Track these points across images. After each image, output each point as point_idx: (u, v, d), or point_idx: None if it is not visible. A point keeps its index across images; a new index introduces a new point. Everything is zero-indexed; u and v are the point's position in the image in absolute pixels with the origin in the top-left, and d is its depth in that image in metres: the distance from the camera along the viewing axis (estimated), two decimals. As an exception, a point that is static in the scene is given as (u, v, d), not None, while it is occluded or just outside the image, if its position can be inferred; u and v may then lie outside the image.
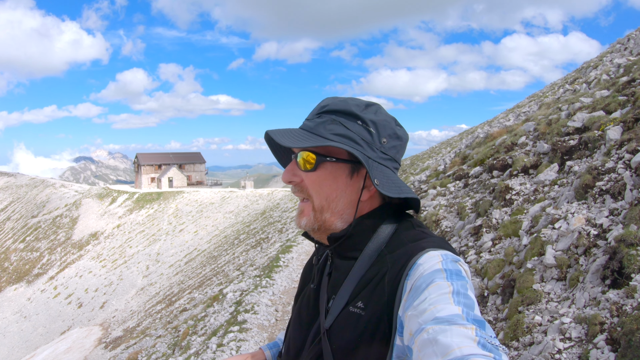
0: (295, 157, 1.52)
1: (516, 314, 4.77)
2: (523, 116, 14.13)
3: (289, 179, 1.53)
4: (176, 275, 37.43)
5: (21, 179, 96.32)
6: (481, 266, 6.40)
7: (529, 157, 8.65)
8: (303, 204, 1.54)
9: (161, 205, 64.78)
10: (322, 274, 1.66)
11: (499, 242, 6.79)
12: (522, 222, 6.59)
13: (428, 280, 1.21)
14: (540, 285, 4.97)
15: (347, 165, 1.50)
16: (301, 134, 1.47)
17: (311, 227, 1.52)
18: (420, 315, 1.12)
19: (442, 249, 1.34)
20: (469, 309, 1.10)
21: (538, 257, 5.35)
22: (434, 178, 13.51)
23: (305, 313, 1.62)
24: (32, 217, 72.63)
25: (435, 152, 31.62)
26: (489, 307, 5.55)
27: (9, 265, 60.43)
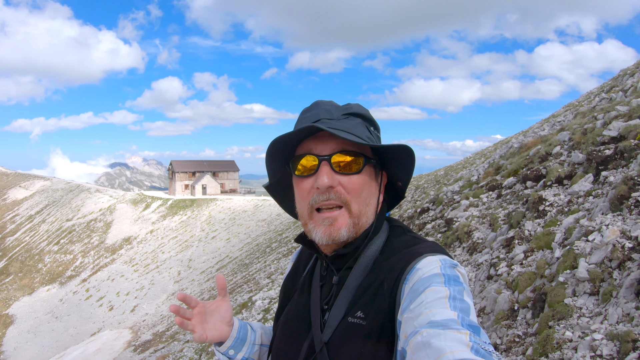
0: (328, 159, 1.44)
1: (546, 329, 4.63)
2: (558, 126, 13.87)
3: (330, 184, 1.43)
4: (207, 281, 37.78)
5: (57, 183, 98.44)
6: (512, 279, 6.26)
7: (563, 167, 8.46)
8: (334, 213, 1.45)
9: (194, 212, 65.49)
10: (310, 287, 1.63)
11: (531, 254, 6.63)
12: (555, 234, 6.43)
13: (426, 284, 1.22)
14: (572, 299, 4.82)
15: (374, 167, 1.53)
16: (349, 135, 1.43)
17: (349, 236, 1.46)
18: (415, 318, 1.14)
19: (440, 254, 1.35)
20: (464, 314, 1.12)
21: (570, 271, 5.20)
22: (467, 189, 13.33)
23: (294, 327, 1.58)
24: (66, 220, 74.19)
25: (469, 162, 31.29)
26: (519, 321, 5.40)
27: (42, 267, 61.79)
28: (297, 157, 1.51)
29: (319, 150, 1.46)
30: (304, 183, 1.48)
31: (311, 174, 1.47)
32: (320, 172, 1.44)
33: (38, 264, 62.78)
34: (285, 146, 1.52)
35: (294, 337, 1.55)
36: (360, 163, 1.45)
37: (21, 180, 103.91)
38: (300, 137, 1.50)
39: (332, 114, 1.50)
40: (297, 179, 1.52)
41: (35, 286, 57.59)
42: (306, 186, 1.48)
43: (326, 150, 1.45)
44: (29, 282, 58.97)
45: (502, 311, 5.74)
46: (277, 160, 1.59)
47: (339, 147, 1.45)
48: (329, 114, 1.50)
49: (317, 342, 1.42)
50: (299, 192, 1.52)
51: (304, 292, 1.64)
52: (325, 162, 1.44)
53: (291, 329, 1.59)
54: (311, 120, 1.50)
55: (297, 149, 1.53)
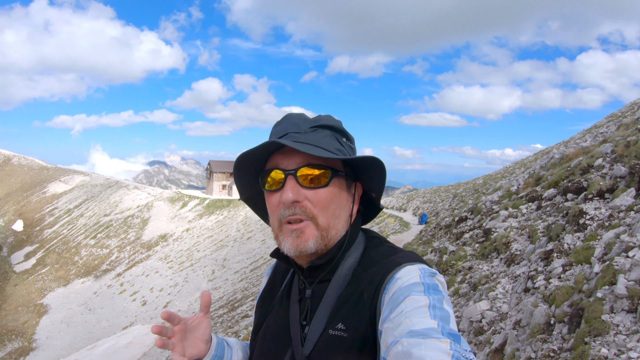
0: (294, 173, 1.43)
1: (582, 345, 4.60)
2: (600, 137, 13.63)
3: (295, 198, 1.41)
4: (241, 281, 37.97)
5: (96, 178, 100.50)
6: (549, 292, 6.21)
7: (605, 180, 8.34)
8: (302, 224, 1.43)
9: (231, 212, 65.95)
10: (288, 301, 1.61)
11: (569, 268, 6.56)
12: (594, 249, 6.35)
13: (405, 294, 1.23)
14: (609, 316, 4.78)
15: (345, 180, 1.51)
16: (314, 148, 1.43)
17: (317, 248, 1.44)
18: (395, 328, 1.14)
19: (419, 263, 1.36)
20: (444, 323, 1.12)
21: (609, 287, 5.14)
22: (507, 199, 13.20)
23: (273, 343, 1.56)
24: (104, 215, 75.70)
25: (509, 172, 30.91)
26: (555, 335, 5.37)
27: (78, 260, 63.09)
28: (265, 172, 1.50)
29: (285, 164, 1.45)
30: (273, 197, 1.48)
31: (278, 189, 1.46)
32: (285, 187, 1.43)
33: (74, 257, 64.12)
34: (254, 160, 1.51)
35: (274, 353, 1.53)
36: (327, 176, 1.44)
37: (61, 175, 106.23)
38: (269, 152, 1.50)
39: (299, 127, 1.50)
40: (267, 193, 1.52)
41: (70, 278, 58.85)
42: (274, 200, 1.48)
43: (292, 165, 1.44)
44: (64, 273, 60.29)
45: (537, 325, 5.71)
46: (247, 174, 1.57)
47: (305, 161, 1.44)
48: (296, 128, 1.50)
49: (298, 356, 1.42)
50: (269, 205, 1.52)
51: (282, 306, 1.62)
52: (291, 177, 1.43)
53: (270, 345, 1.57)
54: (280, 134, 1.50)
55: (267, 164, 1.53)
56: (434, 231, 17.69)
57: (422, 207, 41.98)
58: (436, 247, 13.59)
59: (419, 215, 37.31)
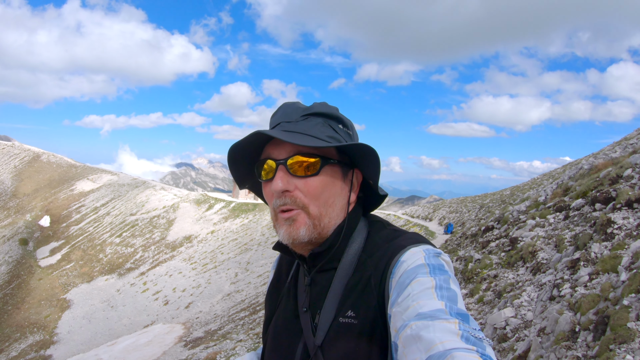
0: (284, 163, 1.44)
1: (607, 352, 4.58)
2: (630, 148, 13.48)
3: (285, 187, 1.43)
4: (263, 285, 38.04)
5: (124, 178, 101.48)
6: (575, 300, 6.18)
7: (634, 190, 8.26)
8: (292, 213, 1.44)
9: (256, 216, 66.17)
10: (295, 292, 1.62)
11: (596, 277, 6.52)
12: (622, 258, 6.31)
13: (412, 276, 1.24)
14: (635, 323, 4.75)
15: (340, 167, 1.51)
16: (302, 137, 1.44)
17: (310, 236, 1.46)
18: (404, 312, 1.16)
19: (422, 244, 1.37)
20: (452, 303, 1.13)
21: (636, 295, 5.12)
22: (534, 209, 13.11)
23: (283, 336, 1.57)
24: (130, 214, 76.46)
25: (537, 183, 30.62)
26: (579, 343, 5.35)
27: (103, 257, 63.68)
28: (260, 162, 1.51)
29: (276, 154, 1.46)
30: (267, 187, 1.50)
31: (271, 179, 1.47)
32: (275, 177, 1.44)
33: (99, 254, 64.74)
34: (247, 152, 1.53)
35: (286, 344, 1.54)
36: (317, 165, 1.44)
37: (89, 173, 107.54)
38: (262, 143, 1.51)
39: (290, 117, 1.51)
40: (262, 183, 1.54)
41: (94, 275, 59.40)
42: (268, 190, 1.50)
43: (282, 155, 1.45)
44: (88, 270, 60.92)
45: (562, 332, 5.69)
46: (243, 165, 1.59)
47: (294, 150, 1.44)
48: (287, 117, 1.51)
49: (311, 346, 1.43)
50: (265, 195, 1.55)
51: (289, 298, 1.63)
52: (281, 166, 1.44)
53: (281, 337, 1.58)
54: (273, 124, 1.52)
55: (262, 154, 1.54)
56: (459, 240, 17.63)
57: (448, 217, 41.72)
58: (461, 256, 13.55)
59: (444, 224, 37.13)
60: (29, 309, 51.46)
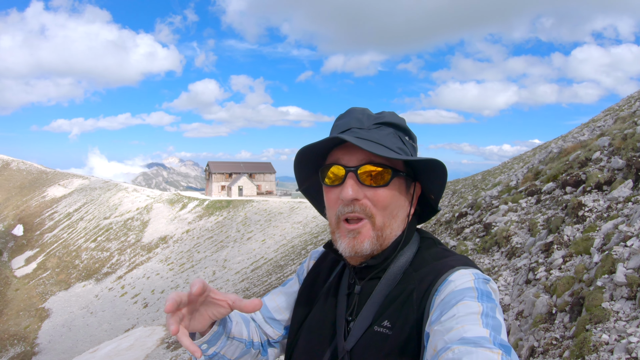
0: (355, 171, 1.41)
1: (583, 332, 4.71)
2: (598, 131, 13.73)
3: (355, 196, 1.39)
4: (242, 282, 37.95)
5: (95, 182, 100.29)
6: (550, 283, 6.32)
7: (603, 173, 8.45)
8: (359, 224, 1.42)
9: (230, 213, 65.86)
10: (336, 294, 1.60)
11: (569, 259, 6.67)
12: (594, 240, 6.47)
13: (458, 297, 1.20)
14: (609, 303, 4.89)
15: (405, 179, 1.49)
16: (377, 146, 1.39)
17: (372, 249, 1.43)
18: (446, 332, 1.11)
19: (472, 268, 1.34)
20: (496, 333, 1.09)
21: (608, 275, 5.26)
22: (506, 194, 13.29)
23: (317, 337, 1.55)
24: (104, 218, 75.77)
25: (508, 167, 30.97)
26: (557, 324, 5.48)
27: (79, 263, 63.18)
28: (325, 166, 1.48)
29: (346, 160, 1.43)
30: (331, 193, 1.47)
31: (338, 185, 1.44)
32: (345, 184, 1.40)
33: (75, 260, 64.11)
34: (314, 154, 1.51)
35: (317, 346, 1.52)
36: (388, 176, 1.41)
37: (60, 179, 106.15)
38: (329, 146, 1.49)
39: (362, 124, 1.46)
40: (326, 188, 1.50)
41: (71, 282, 58.85)
42: (333, 196, 1.46)
43: (353, 162, 1.42)
44: (65, 277, 60.30)
45: (539, 315, 5.82)
46: (307, 166, 1.57)
47: (367, 158, 1.41)
48: (359, 123, 1.47)
49: (340, 350, 1.41)
50: (327, 201, 1.50)
51: (328, 299, 1.60)
52: (351, 174, 1.41)
53: (315, 338, 1.55)
54: (342, 128, 1.48)
55: (327, 157, 1.51)
56: (434, 227, 17.78)
57: (422, 204, 41.81)
58: (437, 243, 13.61)
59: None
60: (8, 320, 50.81)
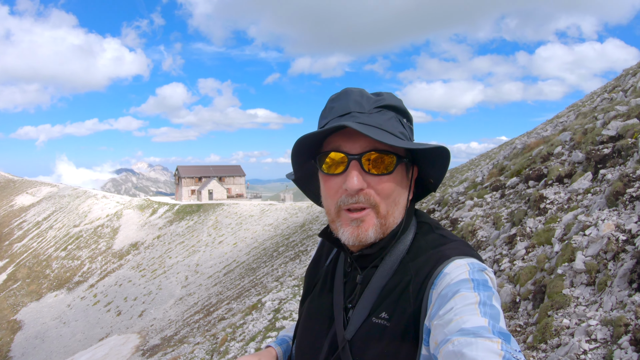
0: (359, 159, 1.35)
1: (545, 318, 4.85)
2: (560, 126, 14.03)
3: (361, 186, 1.34)
4: (215, 286, 37.78)
5: (64, 189, 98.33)
6: (514, 273, 6.47)
7: (564, 166, 8.65)
8: (363, 212, 1.37)
9: (201, 217, 65.48)
10: (333, 279, 1.60)
11: (532, 250, 6.83)
12: (555, 230, 6.63)
13: (454, 290, 1.19)
14: (569, 290, 5.05)
15: (404, 165, 1.44)
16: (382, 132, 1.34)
17: (376, 237, 1.40)
18: (446, 325, 1.11)
19: (468, 257, 1.31)
20: (494, 321, 1.09)
21: (568, 263, 5.41)
22: (472, 189, 13.48)
23: (316, 322, 1.56)
24: (74, 226, 74.35)
25: (475, 164, 31.39)
26: (521, 312, 5.62)
27: (50, 273, 61.89)
28: (324, 154, 1.41)
29: (348, 148, 1.36)
30: (332, 182, 1.40)
31: (339, 173, 1.37)
32: (349, 173, 1.34)
33: (46, 270, 62.80)
34: (311, 141, 1.41)
35: (317, 331, 1.53)
36: (393, 163, 1.36)
37: (28, 187, 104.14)
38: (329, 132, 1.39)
39: (363, 107, 1.39)
40: (325, 177, 1.43)
41: (42, 292, 57.66)
42: (334, 185, 1.39)
43: (356, 149, 1.35)
44: (36, 287, 59.06)
45: (504, 304, 5.96)
46: (304, 155, 1.47)
47: (370, 145, 1.35)
48: (359, 107, 1.39)
49: (340, 339, 1.40)
50: (327, 190, 1.43)
51: (325, 285, 1.60)
52: (355, 162, 1.34)
53: (314, 323, 1.56)
54: (340, 112, 1.40)
55: (325, 144, 1.44)
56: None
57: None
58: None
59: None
60: (-21, 334, 49.70)
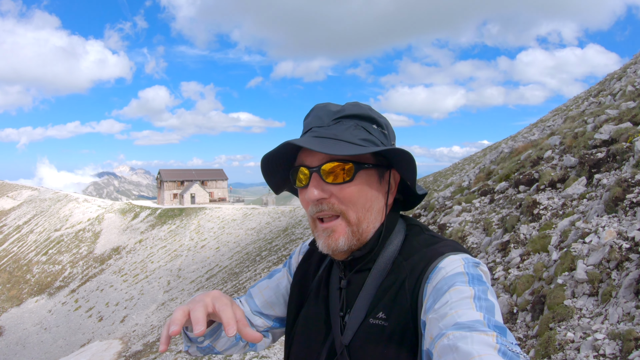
0: (317, 170, 1.39)
1: (547, 331, 4.68)
2: (548, 130, 13.99)
3: (320, 196, 1.38)
4: (197, 290, 37.59)
5: (45, 192, 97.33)
6: (510, 282, 6.31)
7: (555, 171, 8.54)
8: (332, 222, 1.41)
9: (183, 221, 65.18)
10: (327, 288, 1.59)
11: (527, 257, 6.69)
12: (551, 237, 6.50)
13: (450, 283, 1.20)
14: (571, 301, 4.88)
15: (375, 170, 1.46)
16: (334, 143, 1.37)
17: (349, 245, 1.41)
18: (441, 319, 1.11)
19: (462, 252, 1.33)
20: (490, 315, 1.09)
21: (569, 272, 5.26)
22: (459, 194, 13.40)
23: (313, 333, 1.54)
24: (55, 230, 73.56)
25: (459, 168, 31.49)
26: (519, 324, 5.45)
27: (30, 278, 61.21)
28: (294, 169, 1.47)
29: (309, 161, 1.42)
30: (302, 194, 1.47)
31: (304, 186, 1.43)
32: (309, 185, 1.40)
33: (26, 275, 62.11)
34: (281, 158, 1.50)
35: (314, 342, 1.51)
36: (351, 171, 1.39)
37: (8, 190, 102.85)
38: (295, 149, 1.47)
39: (322, 121, 1.46)
40: (299, 190, 1.49)
41: (23, 297, 57.00)
42: (304, 198, 1.46)
43: (315, 162, 1.41)
44: (17, 293, 58.38)
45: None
46: (278, 172, 1.56)
47: (327, 157, 1.39)
48: (319, 121, 1.46)
49: (338, 345, 1.40)
50: (301, 202, 1.51)
51: (320, 294, 1.59)
52: (315, 174, 1.40)
53: (310, 334, 1.54)
54: (306, 128, 1.49)
55: (296, 160, 1.50)
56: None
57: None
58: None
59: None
60: (-41, 340, 48.90)
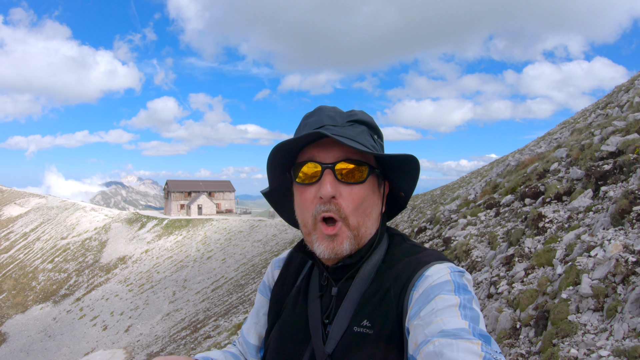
0: (332, 167, 1.38)
1: (550, 347, 4.54)
2: (554, 143, 13.87)
3: (334, 193, 1.37)
4: (202, 302, 37.60)
5: (52, 201, 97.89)
6: (513, 297, 6.17)
7: (561, 183, 8.42)
8: (333, 227, 1.39)
9: (190, 232, 65.38)
10: (306, 298, 1.56)
11: (532, 271, 6.55)
12: (556, 251, 6.37)
13: (435, 292, 1.21)
14: (575, 316, 4.74)
15: (377, 177, 1.48)
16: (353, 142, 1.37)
17: (351, 249, 1.41)
18: (426, 326, 1.13)
19: (446, 261, 1.34)
20: (474, 323, 1.11)
21: (573, 287, 5.13)
22: (465, 207, 13.28)
23: (289, 342, 1.50)
24: (61, 238, 74.00)
25: (466, 181, 31.39)
26: (522, 339, 5.31)
27: (36, 285, 61.57)
28: (298, 164, 1.44)
29: (322, 157, 1.40)
30: (307, 192, 1.42)
31: (313, 182, 1.41)
32: (323, 180, 1.38)
33: (32, 282, 62.48)
34: (287, 153, 1.46)
35: (290, 352, 1.47)
36: (364, 172, 1.40)
37: (16, 198, 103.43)
38: (302, 144, 1.44)
39: (336, 121, 1.44)
40: (299, 187, 1.46)
41: (28, 304, 57.35)
42: (309, 195, 1.42)
43: (330, 158, 1.40)
44: (22, 300, 58.70)
45: (503, 330, 5.65)
46: (278, 167, 1.51)
47: (343, 155, 1.39)
48: (332, 121, 1.44)
49: (319, 354, 1.37)
50: (301, 200, 1.45)
51: (298, 304, 1.56)
52: (328, 171, 1.38)
53: (286, 344, 1.51)
54: (314, 126, 1.44)
55: (299, 156, 1.47)
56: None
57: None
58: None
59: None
60: (-37, 345, 49.12)
